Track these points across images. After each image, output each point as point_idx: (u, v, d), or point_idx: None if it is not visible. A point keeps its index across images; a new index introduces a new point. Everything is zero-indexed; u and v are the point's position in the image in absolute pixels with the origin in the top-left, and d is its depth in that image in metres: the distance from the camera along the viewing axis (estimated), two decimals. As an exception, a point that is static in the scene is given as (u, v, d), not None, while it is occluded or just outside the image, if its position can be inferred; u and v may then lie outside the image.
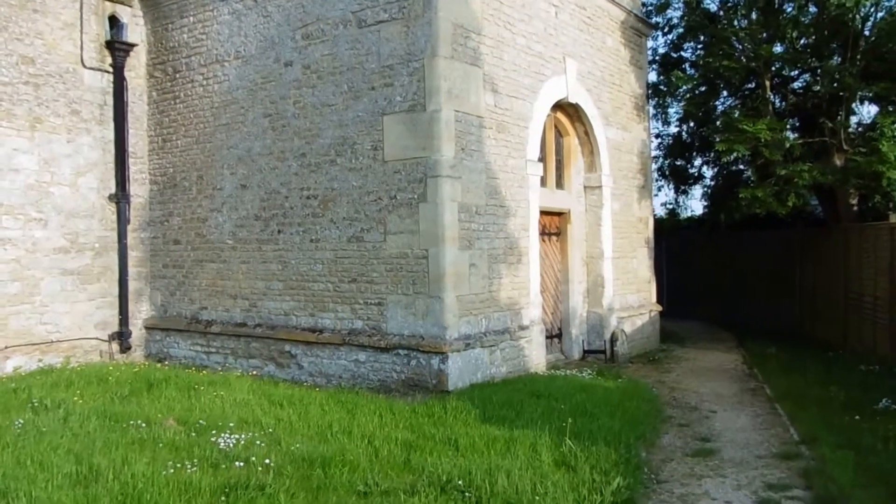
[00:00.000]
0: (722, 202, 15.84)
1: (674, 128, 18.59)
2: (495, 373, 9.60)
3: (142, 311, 12.01)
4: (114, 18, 11.69)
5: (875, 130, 12.59)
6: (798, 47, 14.11)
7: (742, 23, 14.31)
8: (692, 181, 19.00)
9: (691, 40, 16.46)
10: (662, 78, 16.88)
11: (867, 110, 25.30)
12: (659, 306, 14.61)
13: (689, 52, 17.06)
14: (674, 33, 17.24)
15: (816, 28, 13.58)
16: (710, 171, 18.58)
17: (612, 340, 12.23)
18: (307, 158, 10.15)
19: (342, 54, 9.78)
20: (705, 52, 14.91)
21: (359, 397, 8.22)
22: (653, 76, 17.23)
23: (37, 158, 10.67)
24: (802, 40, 14.15)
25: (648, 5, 16.22)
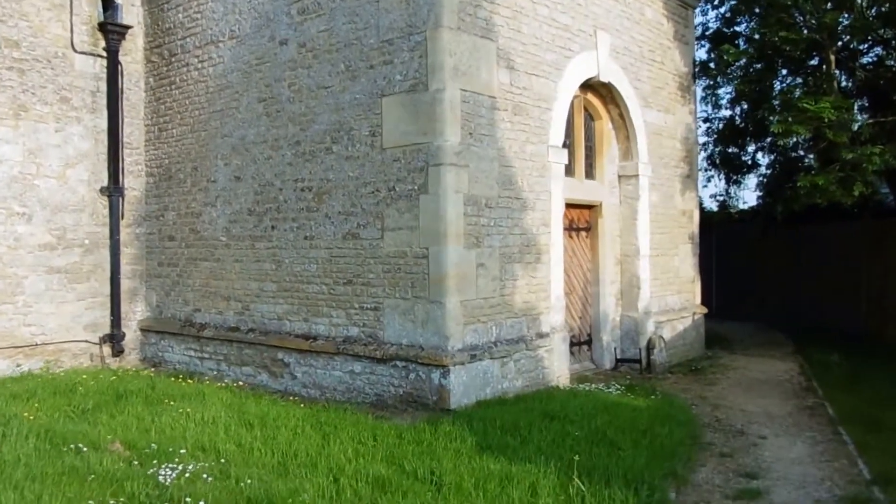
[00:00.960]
0: (779, 192, 14.35)
1: (725, 111, 16.93)
2: (508, 387, 8.50)
3: (137, 311, 11.29)
4: (107, -1, 10.95)
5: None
6: (868, 16, 12.44)
7: (803, -11, 12.73)
8: (745, 170, 17.36)
9: (746, 13, 14.89)
10: (713, 55, 15.31)
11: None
12: (704, 308, 13.20)
13: (744, 26, 15.50)
14: (726, 5, 15.71)
15: (890, -6, 11.94)
16: (765, 158, 16.88)
17: (649, 348, 10.96)
18: (301, 147, 9.21)
19: (339, 29, 8.79)
20: (761, 24, 13.32)
21: (343, 417, 7.22)
22: (702, 53, 15.74)
23: (21, 149, 10.01)
24: (874, 8, 12.48)
25: (695, -27, 14.70)
